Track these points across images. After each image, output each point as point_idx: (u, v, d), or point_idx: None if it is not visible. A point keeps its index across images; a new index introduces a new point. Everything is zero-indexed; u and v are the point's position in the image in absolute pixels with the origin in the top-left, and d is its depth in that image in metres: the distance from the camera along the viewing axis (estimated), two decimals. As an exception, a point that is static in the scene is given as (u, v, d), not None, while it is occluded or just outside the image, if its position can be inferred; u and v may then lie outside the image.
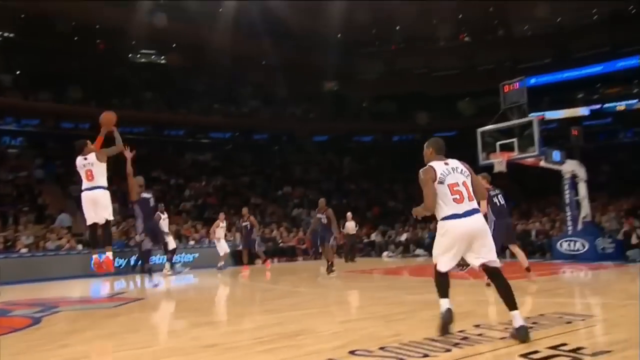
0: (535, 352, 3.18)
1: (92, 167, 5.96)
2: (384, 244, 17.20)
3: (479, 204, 3.78)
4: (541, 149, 10.61)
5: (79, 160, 6.06)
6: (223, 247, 12.67)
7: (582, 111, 25.26)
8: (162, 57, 28.20)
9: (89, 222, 6.04)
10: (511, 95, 11.21)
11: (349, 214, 14.52)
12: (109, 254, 6.04)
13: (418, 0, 23.33)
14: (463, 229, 3.59)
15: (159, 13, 22.94)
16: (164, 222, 11.75)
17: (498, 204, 6.93)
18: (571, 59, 25.87)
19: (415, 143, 31.56)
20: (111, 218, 6.03)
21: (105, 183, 5.99)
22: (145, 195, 9.18)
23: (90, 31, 23.91)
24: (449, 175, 3.66)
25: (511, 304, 3.57)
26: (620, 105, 24.42)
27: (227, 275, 11.05)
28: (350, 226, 14.28)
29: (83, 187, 6.01)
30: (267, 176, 24.75)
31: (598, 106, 25.10)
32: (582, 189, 11.78)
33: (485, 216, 3.84)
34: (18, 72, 23.37)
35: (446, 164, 3.74)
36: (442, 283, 3.79)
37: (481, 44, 28.05)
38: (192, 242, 14.97)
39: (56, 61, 22.68)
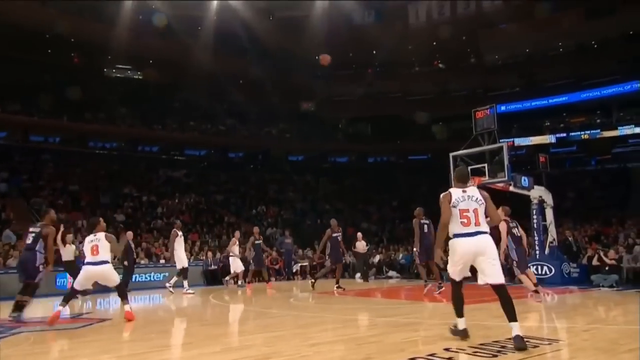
0: (503, 376, 3.22)
1: (98, 242, 6.54)
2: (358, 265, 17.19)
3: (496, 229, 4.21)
4: (510, 174, 10.88)
5: (90, 236, 6.71)
6: (239, 265, 12.61)
7: (549, 139, 26.24)
8: (139, 72, 27.96)
9: (77, 288, 6.60)
10: (482, 121, 11.51)
11: (359, 234, 14.58)
12: (127, 307, 6.58)
13: (394, 27, 24.03)
14: (467, 246, 4.20)
15: (137, 28, 22.84)
16: (180, 238, 11.42)
17: (517, 234, 8.27)
18: (538, 89, 26.93)
19: (389, 165, 32.55)
20: (119, 281, 6.71)
21: (108, 258, 6.58)
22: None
23: (65, 44, 23.57)
24: (462, 201, 4.26)
25: (511, 316, 4.06)
26: (585, 134, 25.44)
27: (197, 295, 10.81)
28: (361, 246, 14.34)
29: (87, 260, 6.56)
30: (242, 195, 24.60)
31: (564, 134, 26.11)
32: (549, 214, 12.10)
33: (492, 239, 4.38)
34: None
35: (464, 191, 4.35)
36: (457, 298, 4.40)
37: (454, 70, 28.94)
38: (162, 261, 14.62)
39: (28, 73, 22.21)
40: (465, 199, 4.26)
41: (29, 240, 7.10)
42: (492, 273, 4.13)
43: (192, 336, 5.89)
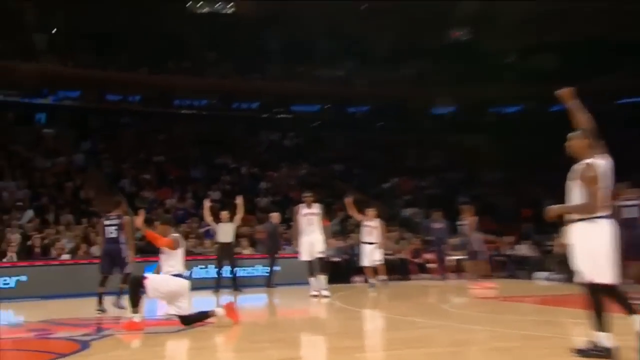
0: None
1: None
2: (538, 261, 16.46)
3: None
4: None
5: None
6: (376, 256, 12.68)
7: None
8: (229, 4, 29.12)
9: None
10: None
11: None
12: (136, 317, 6.99)
13: None
14: (614, 233, 4.66)
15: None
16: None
17: None
18: None
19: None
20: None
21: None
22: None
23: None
24: (605, 175, 4.69)
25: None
26: None
27: (310, 298, 11.01)
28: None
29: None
30: (368, 163, 24.81)
31: None
32: None
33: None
34: (54, 31, 25.57)
35: (604, 161, 4.73)
36: (602, 307, 4.63)
37: None
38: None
39: (99, 17, 24.05)
40: (607, 172, 4.71)
41: (112, 233, 9.51)
42: None
43: (314, 348, 6.19)
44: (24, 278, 12.28)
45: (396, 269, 15.68)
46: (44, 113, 25.53)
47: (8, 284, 12.19)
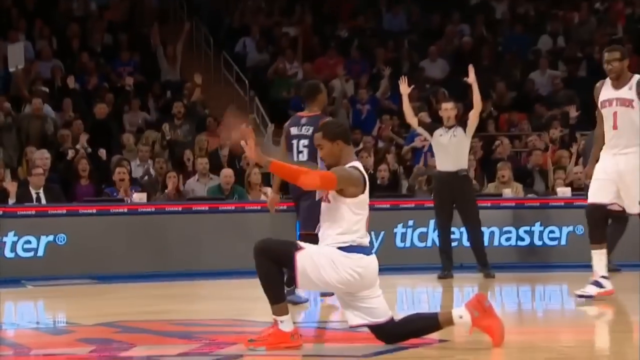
0: None
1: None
2: None
3: None
4: None
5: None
6: None
7: None
8: None
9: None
10: None
11: None
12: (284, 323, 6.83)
13: None
14: None
15: None
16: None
17: None
18: None
19: None
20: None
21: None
22: None
23: None
24: None
25: None
26: None
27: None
28: None
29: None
30: None
31: None
32: None
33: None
34: None
35: None
36: None
37: None
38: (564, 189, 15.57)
39: None
40: None
41: (303, 152, 9.99)
42: None
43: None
44: (61, 239, 13.14)
45: None
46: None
47: (33, 248, 13.04)
